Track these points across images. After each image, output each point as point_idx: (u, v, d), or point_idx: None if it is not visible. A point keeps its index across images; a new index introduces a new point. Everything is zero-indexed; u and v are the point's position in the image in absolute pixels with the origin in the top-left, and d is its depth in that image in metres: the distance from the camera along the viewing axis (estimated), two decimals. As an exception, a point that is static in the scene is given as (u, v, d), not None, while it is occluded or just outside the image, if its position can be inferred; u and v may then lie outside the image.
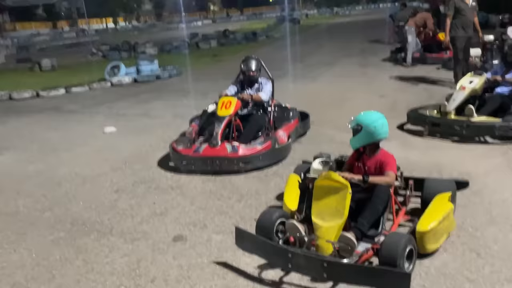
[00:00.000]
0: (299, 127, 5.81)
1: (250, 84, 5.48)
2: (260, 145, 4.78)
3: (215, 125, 4.89)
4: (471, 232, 3.20)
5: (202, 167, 4.68)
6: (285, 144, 5.05)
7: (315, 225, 2.90)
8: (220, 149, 4.69)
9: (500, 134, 4.96)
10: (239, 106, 5.09)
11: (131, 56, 18.21)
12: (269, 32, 25.54)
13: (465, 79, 5.65)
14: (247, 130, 5.10)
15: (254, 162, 4.65)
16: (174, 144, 4.97)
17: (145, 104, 8.88)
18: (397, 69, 10.69)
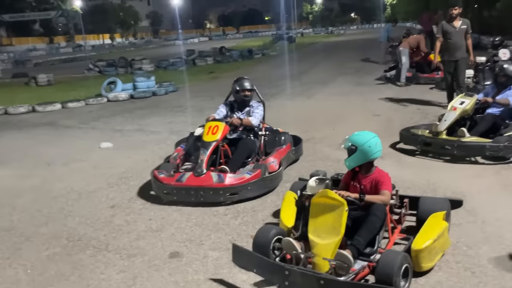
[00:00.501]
0: (292, 153, 5.47)
1: (241, 107, 5.23)
2: (248, 174, 4.41)
3: (200, 152, 4.58)
4: (465, 251, 3.23)
5: (185, 198, 4.30)
6: (276, 172, 4.70)
7: (311, 243, 2.92)
8: (205, 178, 4.33)
9: (490, 155, 5.01)
10: (227, 131, 4.82)
11: (127, 72, 18.34)
12: (264, 50, 25.86)
13: (456, 100, 5.74)
14: (236, 156, 4.79)
15: (242, 192, 4.29)
16: (155, 172, 4.60)
17: (141, 120, 8.92)
18: (391, 89, 10.84)
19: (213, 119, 4.96)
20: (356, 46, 26.87)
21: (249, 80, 5.21)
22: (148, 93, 11.97)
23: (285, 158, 5.20)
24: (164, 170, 4.65)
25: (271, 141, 5.31)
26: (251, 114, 5.17)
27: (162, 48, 41.65)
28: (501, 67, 5.78)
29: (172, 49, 36.77)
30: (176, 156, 5.09)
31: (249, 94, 5.17)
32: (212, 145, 4.61)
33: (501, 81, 5.71)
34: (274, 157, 4.96)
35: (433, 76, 11.09)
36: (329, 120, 7.78)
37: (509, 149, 4.96)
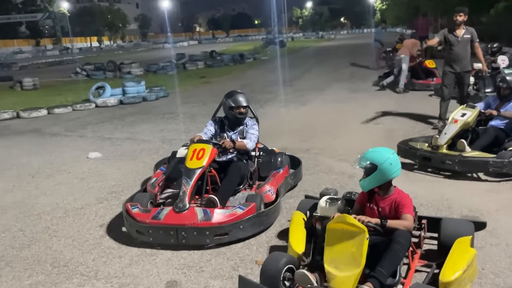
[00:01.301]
0: (290, 178, 4.72)
1: (233, 125, 4.50)
2: (241, 209, 3.66)
3: (182, 181, 3.79)
4: (493, 279, 2.95)
5: (163, 240, 3.53)
6: (274, 206, 3.92)
7: (328, 275, 2.60)
8: (188, 215, 3.56)
9: (494, 171, 4.70)
10: (214, 155, 4.06)
11: (116, 76, 17.96)
12: (256, 55, 25.63)
13: (457, 112, 5.42)
14: (225, 185, 4.04)
15: (233, 232, 3.53)
16: (128, 205, 3.81)
17: (131, 128, 8.55)
18: (388, 96, 10.64)
19: (199, 140, 4.19)
20: (348, 51, 26.79)
21: (244, 95, 4.47)
22: (138, 98, 11.60)
23: (283, 185, 4.48)
24: (139, 202, 3.88)
25: (266, 163, 4.65)
26: (245, 135, 4.47)
27: (151, 51, 41.19)
28: (503, 79, 5.45)
29: (161, 52, 36.36)
30: (155, 182, 4.32)
31: (244, 112, 4.43)
32: (196, 174, 3.82)
33: (504, 94, 5.41)
34: (271, 184, 4.21)
35: (428, 82, 11.04)
36: (327, 129, 7.49)
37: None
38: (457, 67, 6.87)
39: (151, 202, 4.02)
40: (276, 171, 4.57)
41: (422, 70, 11.40)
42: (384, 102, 9.64)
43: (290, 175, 4.76)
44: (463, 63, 6.88)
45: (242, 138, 4.42)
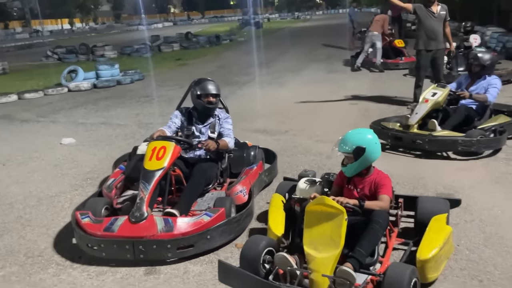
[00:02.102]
0: (264, 174, 4.30)
1: (203, 117, 4.02)
2: (208, 216, 3.21)
3: (140, 186, 3.32)
4: (468, 255, 3.01)
5: (117, 255, 3.08)
6: (246, 210, 3.47)
7: (308, 256, 2.60)
8: (146, 226, 3.10)
9: (463, 150, 4.76)
10: (177, 153, 3.56)
11: (89, 60, 17.49)
12: (232, 36, 25.30)
13: (428, 92, 5.40)
14: (190, 189, 3.56)
15: (199, 244, 3.10)
16: (78, 215, 3.32)
17: (106, 112, 8.35)
18: (364, 76, 10.70)
19: (160, 136, 3.70)
20: (324, 31, 26.73)
21: (214, 82, 4.01)
22: (112, 82, 11.32)
23: (257, 183, 4.06)
24: (92, 209, 3.41)
25: (237, 159, 4.25)
26: (219, 130, 4.03)
27: (125, 33, 40.18)
28: (475, 56, 5.40)
29: (135, 34, 35.47)
30: (111, 184, 3.82)
31: (214, 101, 3.96)
32: (156, 177, 3.35)
33: (475, 71, 5.37)
34: (243, 184, 3.76)
35: (397, 61, 11.24)
36: (305, 110, 7.49)
37: (482, 144, 4.71)
38: (433, 45, 6.79)
39: (107, 208, 3.55)
40: (249, 167, 4.14)
41: (392, 50, 11.55)
42: (360, 82, 9.69)
43: (264, 171, 4.34)
44: (438, 41, 6.80)
45: (213, 132, 4.00)
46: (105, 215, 3.47)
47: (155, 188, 3.34)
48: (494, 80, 5.31)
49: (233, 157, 4.21)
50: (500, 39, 12.60)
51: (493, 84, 5.27)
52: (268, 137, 6.14)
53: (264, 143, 5.78)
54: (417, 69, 7.19)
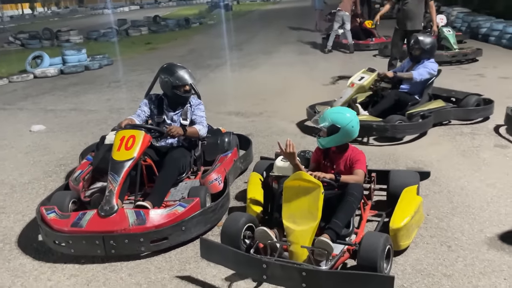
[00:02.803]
0: (239, 161, 4.21)
1: (174, 104, 3.83)
2: (182, 206, 3.09)
3: (108, 178, 3.17)
4: (437, 224, 3.18)
5: (87, 251, 2.94)
6: (221, 199, 3.34)
7: (287, 230, 2.69)
8: (117, 220, 2.97)
9: (378, 135, 4.78)
10: (147, 142, 3.40)
11: (53, 45, 16.93)
12: (201, 19, 24.94)
13: (356, 76, 5.31)
14: (162, 179, 3.43)
15: (174, 236, 2.99)
16: (42, 210, 3.15)
17: (76, 98, 8.18)
18: (335, 57, 10.84)
19: (128, 125, 3.52)
20: (294, 13, 26.65)
21: (187, 70, 3.81)
22: (80, 67, 11.04)
23: (232, 170, 3.97)
24: (58, 204, 3.26)
25: (211, 146, 4.11)
26: (191, 117, 3.83)
27: (90, 17, 38.90)
28: (416, 39, 5.21)
29: (100, 18, 34.42)
30: (78, 176, 3.64)
31: (188, 90, 3.79)
32: (126, 168, 3.19)
33: (415, 54, 5.20)
34: (218, 171, 3.66)
35: (368, 42, 11.40)
36: (278, 92, 7.54)
37: (397, 129, 4.72)
38: (408, 25, 6.86)
39: (74, 202, 3.42)
40: (223, 154, 4.04)
41: (362, 31, 11.70)
42: (331, 64, 9.82)
43: (239, 157, 4.25)
44: (414, 22, 6.86)
45: (185, 119, 3.81)
46: (72, 209, 3.35)
47: (125, 179, 3.19)
48: (429, 64, 5.14)
49: (206, 145, 4.05)
50: (465, 19, 12.97)
51: (426, 65, 5.12)
52: (242, 119, 6.19)
53: (239, 125, 5.85)
54: (391, 48, 7.34)
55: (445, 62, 8.70)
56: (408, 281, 2.60)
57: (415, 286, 2.55)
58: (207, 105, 4.22)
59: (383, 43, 11.15)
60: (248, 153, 4.49)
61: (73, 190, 3.58)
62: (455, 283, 2.55)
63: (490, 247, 2.87)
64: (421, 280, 2.60)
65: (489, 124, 5.23)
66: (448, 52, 8.80)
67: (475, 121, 5.31)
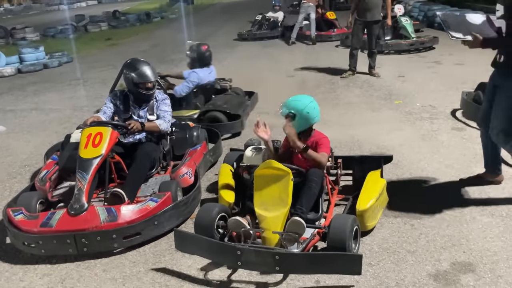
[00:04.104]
0: (209, 154, 4.28)
1: (140, 101, 3.80)
2: (153, 201, 3.11)
3: (76, 176, 3.13)
4: (401, 205, 3.34)
5: (58, 251, 2.92)
6: (193, 192, 3.40)
7: (259, 217, 2.77)
8: (87, 218, 2.94)
9: None
10: (115, 139, 3.37)
11: (8, 43, 16.24)
12: (163, 13, 24.56)
13: None
14: (132, 175, 3.41)
15: (147, 231, 3.00)
16: (9, 212, 3.10)
17: (36, 97, 7.93)
18: (299, 49, 10.97)
19: (93, 122, 3.48)
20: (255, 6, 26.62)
21: (150, 66, 3.77)
22: (38, 65, 10.67)
23: (202, 164, 4.00)
24: (25, 205, 3.20)
25: (180, 140, 4.10)
26: (157, 111, 3.82)
27: (45, 14, 37.48)
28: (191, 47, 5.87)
29: (57, 15, 33.21)
30: (45, 176, 3.58)
31: (151, 87, 3.74)
32: (94, 165, 3.16)
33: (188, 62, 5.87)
34: (188, 165, 3.68)
35: (330, 33, 11.62)
36: (244, 85, 7.51)
37: None
38: (368, 16, 7.04)
39: (42, 202, 3.36)
40: (192, 148, 4.05)
41: (324, 22, 11.91)
42: (295, 55, 9.95)
43: (208, 151, 4.30)
44: (373, 13, 7.03)
45: (151, 114, 3.79)
46: (40, 210, 3.29)
47: (93, 177, 3.15)
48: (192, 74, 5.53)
49: (175, 139, 4.04)
50: (422, 8, 13.43)
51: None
52: (209, 112, 6.19)
53: (206, 118, 5.86)
54: (351, 38, 7.51)
55: (404, 51, 9.03)
56: (375, 259, 2.73)
57: (382, 263, 2.70)
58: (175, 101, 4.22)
59: (344, 33, 11.40)
60: (217, 146, 4.53)
61: (39, 190, 3.50)
62: (418, 258, 2.72)
63: (449, 223, 3.06)
64: (387, 257, 2.75)
65: (447, 108, 5.49)
66: (406, 41, 9.11)
67: (432, 107, 5.55)
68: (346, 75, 7.32)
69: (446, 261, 2.66)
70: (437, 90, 6.39)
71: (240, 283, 2.63)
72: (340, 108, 5.91)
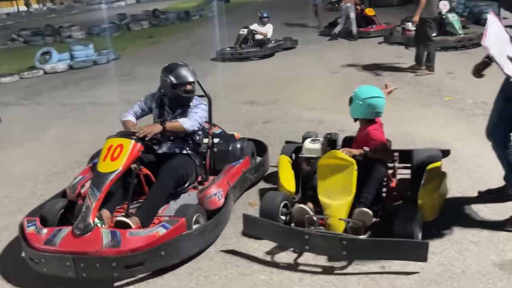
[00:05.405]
0: (249, 172, 3.76)
1: (174, 105, 3.50)
2: (164, 228, 2.71)
3: (88, 192, 2.85)
4: (460, 198, 3.39)
5: (58, 272, 2.66)
6: (214, 218, 3.00)
7: (323, 205, 2.90)
8: (90, 240, 2.65)
9: None
10: (137, 153, 2.99)
11: (56, 41, 17.00)
12: (201, 12, 24.98)
13: None
14: (155, 190, 3.09)
15: (150, 262, 2.63)
16: (24, 222, 2.91)
17: (90, 92, 8.34)
18: (341, 45, 10.98)
19: (120, 132, 3.21)
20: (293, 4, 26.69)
21: (189, 68, 3.49)
22: (88, 62, 11.18)
23: (239, 184, 3.56)
24: (47, 213, 3.03)
25: (222, 153, 3.76)
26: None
27: (87, 13, 38.69)
28: None
29: (98, 13, 34.25)
30: (77, 183, 3.32)
31: (190, 89, 3.43)
32: (107, 181, 2.84)
33: None
34: (218, 185, 3.26)
35: (369, 30, 11.63)
36: (290, 80, 7.73)
37: None
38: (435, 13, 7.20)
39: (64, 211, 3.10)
40: (231, 164, 3.67)
41: (363, 18, 11.90)
42: (338, 52, 9.98)
43: (249, 168, 3.79)
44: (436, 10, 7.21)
45: None
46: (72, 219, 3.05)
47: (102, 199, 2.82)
48: None
49: (217, 152, 3.76)
50: (467, 4, 13.13)
51: None
52: (258, 107, 6.37)
53: (256, 113, 6.05)
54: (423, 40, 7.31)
55: (451, 47, 8.90)
56: (438, 248, 2.80)
57: (445, 252, 2.77)
58: (220, 96, 4.34)
59: (383, 30, 11.39)
60: (262, 163, 4.05)
61: (70, 198, 3.28)
62: (482, 248, 2.77)
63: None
64: (450, 247, 2.81)
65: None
66: (453, 38, 8.98)
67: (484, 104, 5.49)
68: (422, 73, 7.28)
69: (511, 252, 2.70)
70: (488, 87, 6.24)
71: (307, 266, 2.76)
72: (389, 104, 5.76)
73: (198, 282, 2.70)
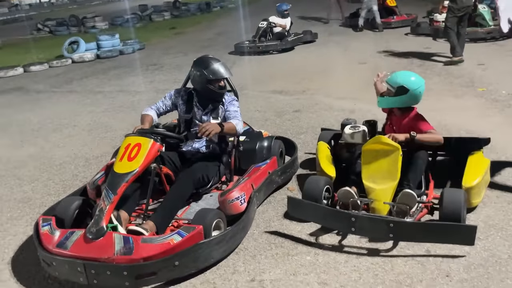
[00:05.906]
0: (276, 174, 3.50)
1: (205, 101, 3.34)
2: (179, 235, 2.53)
3: (102, 193, 2.68)
4: (502, 186, 3.38)
5: (69, 277, 2.55)
6: (235, 226, 2.79)
7: (368, 189, 2.94)
8: (102, 245, 2.49)
9: None
10: (155, 153, 2.83)
11: (80, 31, 17.26)
12: (222, 3, 24.98)
13: None
14: (172, 193, 2.94)
15: (163, 272, 2.45)
16: (40, 220, 2.77)
17: (119, 81, 8.47)
18: (366, 36, 10.92)
19: (139, 129, 3.03)
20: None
21: (223, 63, 3.32)
22: (115, 52, 11.33)
23: (264, 186, 3.31)
24: (63, 212, 2.87)
25: (248, 152, 3.57)
26: (224, 114, 3.33)
27: (108, 4, 39.07)
28: None
29: (119, 4, 34.52)
30: (97, 180, 3.14)
31: (224, 85, 3.35)
32: (123, 183, 2.67)
33: None
34: (241, 189, 3.02)
35: (390, 20, 11.56)
36: (317, 71, 7.73)
37: None
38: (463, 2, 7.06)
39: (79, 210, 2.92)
40: (257, 165, 3.45)
41: (384, 9, 11.80)
42: (364, 43, 9.92)
43: (278, 169, 3.55)
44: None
45: (215, 118, 3.31)
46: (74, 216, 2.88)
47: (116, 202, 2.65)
48: None
49: (242, 151, 3.57)
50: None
51: None
52: (287, 97, 6.40)
53: (285, 102, 6.08)
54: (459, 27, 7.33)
55: (480, 39, 8.77)
56: (482, 234, 2.82)
57: (491, 238, 2.78)
58: (249, 86, 4.38)
59: (404, 20, 11.31)
60: (291, 164, 3.75)
61: (89, 195, 3.17)
62: (527, 235, 2.78)
63: (555, 204, 3.07)
64: (495, 233, 2.82)
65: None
66: (483, 29, 8.84)
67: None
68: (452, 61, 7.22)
69: (557, 239, 2.71)
70: (522, 78, 6.23)
71: (351, 248, 2.81)
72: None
73: (245, 261, 2.77)
